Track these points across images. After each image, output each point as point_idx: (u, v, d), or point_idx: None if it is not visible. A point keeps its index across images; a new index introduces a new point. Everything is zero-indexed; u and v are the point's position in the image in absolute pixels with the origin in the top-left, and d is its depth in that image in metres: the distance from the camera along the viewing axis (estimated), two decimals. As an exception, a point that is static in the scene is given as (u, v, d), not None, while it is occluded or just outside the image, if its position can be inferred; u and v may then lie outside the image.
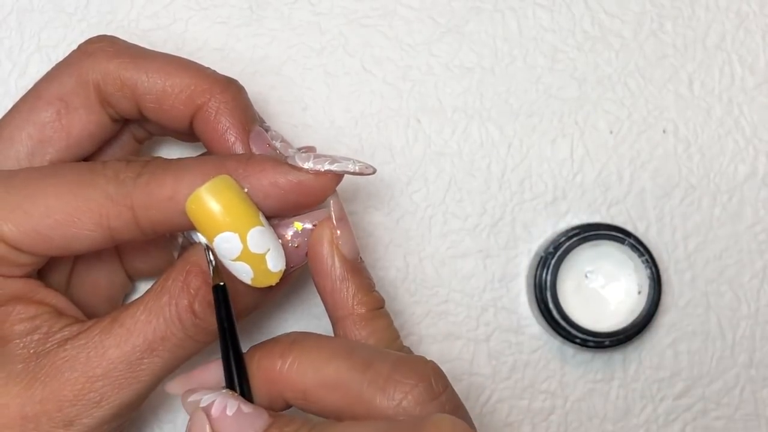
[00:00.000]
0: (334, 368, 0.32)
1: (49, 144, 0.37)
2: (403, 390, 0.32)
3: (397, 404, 0.31)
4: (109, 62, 0.37)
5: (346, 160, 0.34)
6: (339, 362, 0.33)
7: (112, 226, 0.34)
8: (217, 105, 0.36)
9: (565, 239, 0.44)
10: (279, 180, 0.34)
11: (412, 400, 0.32)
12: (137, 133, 0.41)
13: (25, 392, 0.33)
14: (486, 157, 0.46)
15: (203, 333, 0.34)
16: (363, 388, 0.32)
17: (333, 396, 0.32)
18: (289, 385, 0.33)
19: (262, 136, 0.36)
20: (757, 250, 0.47)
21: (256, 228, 0.33)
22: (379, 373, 0.32)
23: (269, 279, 0.34)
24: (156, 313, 0.34)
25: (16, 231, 0.33)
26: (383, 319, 0.36)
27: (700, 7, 0.47)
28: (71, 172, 0.34)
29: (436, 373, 0.33)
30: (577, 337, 0.44)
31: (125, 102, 0.37)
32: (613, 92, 0.47)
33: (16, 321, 0.34)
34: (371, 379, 0.32)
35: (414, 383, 0.32)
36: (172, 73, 0.36)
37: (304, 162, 0.34)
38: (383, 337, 0.35)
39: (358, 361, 0.33)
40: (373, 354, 0.33)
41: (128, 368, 0.34)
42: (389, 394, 0.32)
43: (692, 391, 0.46)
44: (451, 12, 0.46)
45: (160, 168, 0.34)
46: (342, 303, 0.35)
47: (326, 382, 0.32)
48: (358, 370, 0.32)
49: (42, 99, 0.37)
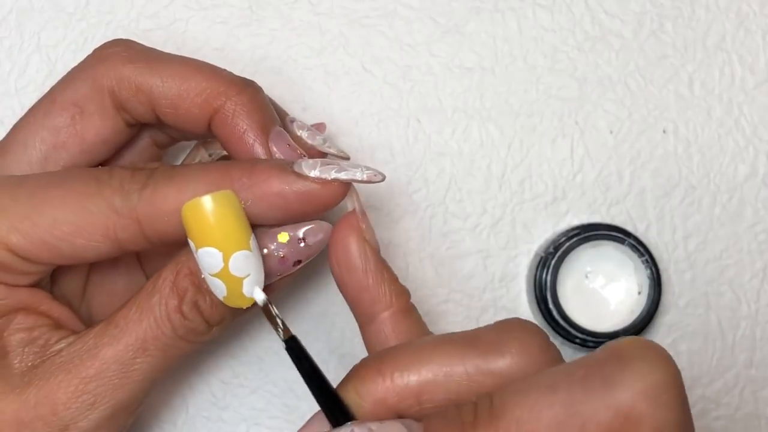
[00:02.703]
0: (438, 358, 0.31)
1: (63, 149, 0.37)
2: (518, 338, 0.31)
3: (517, 354, 0.31)
4: (123, 67, 0.36)
5: (354, 168, 0.34)
6: (441, 351, 0.32)
7: (119, 237, 0.33)
8: (234, 107, 0.36)
9: (565, 239, 0.44)
10: (284, 190, 0.33)
11: (534, 345, 0.31)
12: (158, 138, 0.40)
13: (19, 398, 0.33)
14: (486, 157, 0.46)
15: (193, 333, 0.34)
16: (478, 362, 0.31)
17: (448, 384, 0.31)
18: (401, 396, 0.32)
19: (282, 136, 0.36)
20: (757, 250, 0.47)
21: (241, 252, 0.32)
22: (488, 340, 0.31)
23: (241, 302, 0.33)
24: (147, 313, 0.34)
25: (24, 241, 0.33)
26: (416, 310, 0.35)
27: (700, 7, 0.47)
28: (78, 182, 0.34)
29: (530, 322, 0.32)
30: (577, 337, 0.44)
31: (141, 107, 0.37)
32: (614, 92, 0.47)
33: (14, 331, 0.34)
34: (484, 350, 0.31)
35: (521, 334, 0.31)
36: (187, 76, 0.36)
37: (311, 170, 0.33)
38: (422, 327, 0.35)
39: (457, 343, 0.32)
40: (465, 333, 0.32)
41: (121, 368, 0.34)
42: (506, 349, 0.31)
43: (692, 391, 0.46)
44: (451, 12, 0.46)
45: (164, 178, 0.33)
46: (380, 297, 0.34)
47: (436, 373, 0.31)
48: (467, 346, 0.31)
49: (56, 104, 0.37)
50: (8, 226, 0.33)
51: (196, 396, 0.45)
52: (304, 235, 0.34)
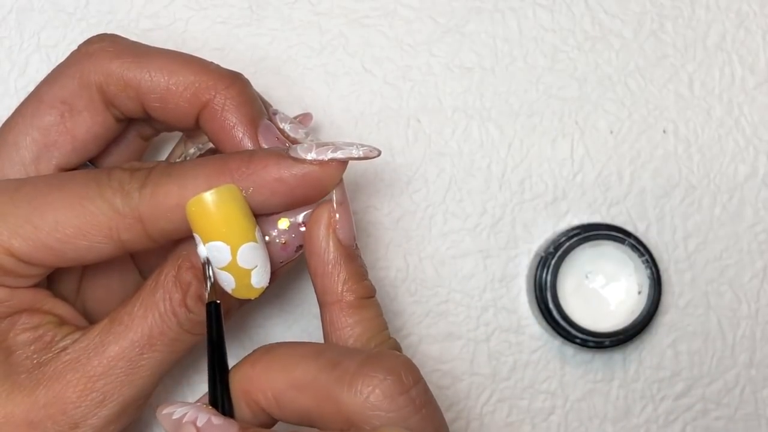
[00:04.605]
0: (302, 369, 0.32)
1: (54, 148, 0.37)
2: (370, 384, 0.31)
3: (364, 399, 0.31)
4: (110, 62, 0.36)
5: (349, 146, 0.34)
6: (308, 363, 0.32)
7: (122, 238, 0.33)
8: (223, 101, 0.36)
9: (566, 239, 0.44)
10: (283, 175, 0.33)
11: (380, 394, 0.31)
12: (143, 130, 0.40)
13: (29, 398, 0.33)
14: (486, 157, 0.46)
15: (199, 326, 0.34)
16: (330, 386, 0.32)
17: (303, 397, 0.32)
18: (261, 391, 0.33)
19: (271, 129, 0.36)
20: (757, 250, 0.47)
21: (249, 244, 0.33)
22: (347, 369, 0.32)
23: (250, 293, 0.34)
24: (152, 308, 0.34)
25: (26, 245, 0.33)
26: (372, 308, 0.35)
27: (700, 7, 0.47)
28: (77, 185, 0.34)
29: (406, 366, 0.32)
30: (577, 337, 0.44)
31: (129, 102, 0.37)
32: (614, 92, 0.47)
33: (19, 331, 0.34)
34: (339, 376, 0.32)
35: (382, 377, 0.31)
36: (176, 70, 0.36)
37: (307, 153, 0.33)
38: (370, 326, 0.35)
39: (326, 360, 0.32)
40: (342, 353, 0.33)
41: (128, 365, 0.34)
42: (356, 389, 0.31)
43: (692, 391, 0.46)
44: (451, 12, 0.46)
45: (163, 175, 0.33)
46: (331, 288, 0.35)
47: (295, 383, 0.32)
48: (326, 369, 0.32)
49: (44, 103, 0.37)
50: (9, 231, 0.33)
51: (196, 395, 0.45)
52: (304, 220, 0.35)
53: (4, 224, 0.33)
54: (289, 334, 0.45)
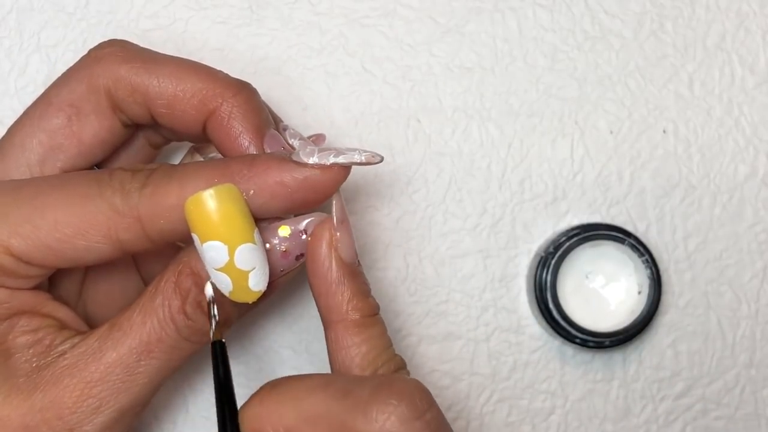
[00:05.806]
0: (313, 401, 0.32)
1: (60, 151, 0.37)
2: (385, 411, 0.31)
3: (380, 426, 0.31)
4: (119, 67, 0.36)
5: (352, 151, 0.34)
6: (317, 395, 0.32)
7: (121, 238, 0.33)
8: (230, 109, 0.36)
9: (566, 239, 0.44)
10: (285, 178, 0.33)
11: (396, 421, 0.31)
12: (152, 138, 0.40)
13: (25, 402, 0.33)
14: (486, 157, 0.46)
15: (197, 334, 0.34)
16: (344, 416, 0.31)
17: (316, 429, 0.32)
18: (273, 428, 0.32)
19: (277, 138, 0.36)
20: (757, 250, 0.47)
21: (247, 244, 0.33)
22: (359, 397, 0.31)
23: (247, 296, 0.34)
24: (150, 315, 0.34)
25: (25, 245, 0.33)
26: (377, 326, 0.35)
27: (700, 7, 0.47)
28: (78, 184, 0.34)
29: (419, 390, 0.32)
30: (577, 337, 0.44)
31: (137, 107, 0.37)
32: (614, 92, 0.47)
33: (19, 334, 0.34)
34: (352, 405, 0.31)
35: (396, 403, 0.31)
36: (184, 77, 0.36)
37: (309, 157, 0.33)
38: (376, 344, 0.35)
39: (336, 390, 0.32)
40: (350, 381, 0.33)
41: (125, 371, 0.34)
42: (372, 417, 0.31)
43: (692, 391, 0.47)
44: (451, 12, 0.46)
45: (165, 176, 0.33)
46: (336, 307, 0.35)
47: (307, 416, 0.32)
48: (337, 399, 0.32)
49: (53, 105, 0.37)
50: (9, 230, 0.33)
51: (196, 396, 0.45)
52: (305, 228, 0.35)
53: (4, 223, 0.33)
54: (289, 335, 0.45)
